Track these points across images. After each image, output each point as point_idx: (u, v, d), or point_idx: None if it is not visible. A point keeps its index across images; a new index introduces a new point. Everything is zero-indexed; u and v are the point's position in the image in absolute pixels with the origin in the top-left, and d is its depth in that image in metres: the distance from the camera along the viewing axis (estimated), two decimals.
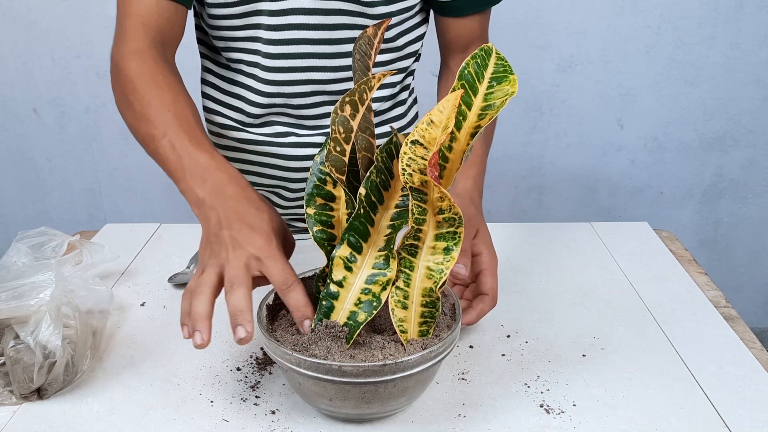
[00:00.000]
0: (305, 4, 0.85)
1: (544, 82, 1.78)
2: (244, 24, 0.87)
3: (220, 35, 0.90)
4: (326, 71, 0.90)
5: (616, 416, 0.66)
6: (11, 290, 0.69)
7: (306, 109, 0.92)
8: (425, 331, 0.64)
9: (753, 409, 0.67)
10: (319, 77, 0.90)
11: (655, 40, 1.73)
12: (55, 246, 0.84)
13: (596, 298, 0.87)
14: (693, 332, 0.80)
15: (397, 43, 0.92)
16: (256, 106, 0.92)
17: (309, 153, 0.94)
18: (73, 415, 0.67)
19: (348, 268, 0.63)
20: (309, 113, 0.93)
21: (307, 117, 0.93)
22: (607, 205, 1.92)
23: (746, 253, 1.99)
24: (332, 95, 0.92)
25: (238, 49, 0.90)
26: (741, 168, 1.88)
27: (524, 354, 0.76)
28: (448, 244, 0.61)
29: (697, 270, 0.95)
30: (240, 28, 0.88)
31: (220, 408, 0.67)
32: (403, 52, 0.94)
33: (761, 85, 1.78)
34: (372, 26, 0.66)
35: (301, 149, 0.94)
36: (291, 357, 0.60)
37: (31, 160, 1.89)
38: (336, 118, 0.61)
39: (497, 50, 0.63)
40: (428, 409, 0.67)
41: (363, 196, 0.61)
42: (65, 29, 1.75)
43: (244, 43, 0.89)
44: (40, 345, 0.66)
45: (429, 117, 0.59)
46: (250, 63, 0.90)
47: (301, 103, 0.92)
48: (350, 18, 0.87)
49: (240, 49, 0.90)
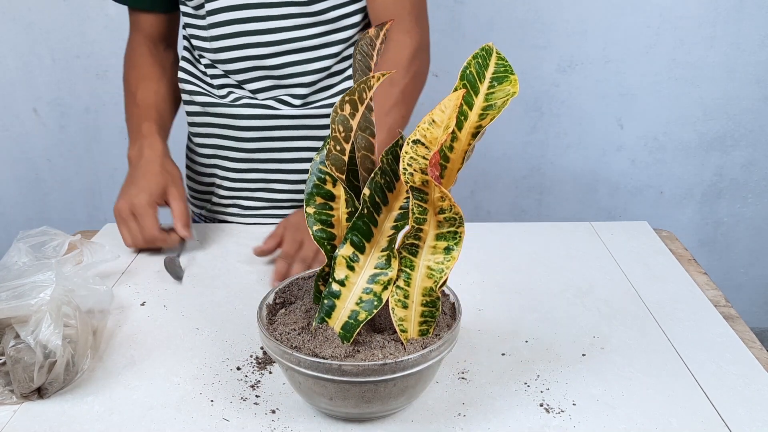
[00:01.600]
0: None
1: (544, 82, 1.78)
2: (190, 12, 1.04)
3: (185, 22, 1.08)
4: (261, 47, 1.01)
5: (615, 415, 0.66)
6: (11, 290, 0.69)
7: (249, 84, 1.04)
8: (425, 330, 0.64)
9: (753, 408, 0.67)
10: (255, 53, 1.01)
11: (655, 40, 1.73)
12: (56, 245, 0.84)
13: (596, 298, 0.87)
14: (693, 332, 0.80)
15: (328, 16, 1.00)
16: (217, 78, 1.06)
17: (256, 113, 1.05)
18: (73, 414, 0.67)
19: (350, 267, 0.63)
20: (252, 87, 1.05)
21: (259, 90, 1.05)
22: (607, 205, 1.92)
23: (746, 253, 1.99)
24: (271, 69, 1.03)
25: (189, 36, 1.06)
26: (741, 168, 1.88)
27: (524, 353, 0.76)
28: (448, 243, 0.61)
29: (697, 270, 0.95)
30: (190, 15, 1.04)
31: (220, 407, 0.68)
32: (337, 25, 1.02)
33: (761, 85, 1.78)
34: (374, 27, 0.66)
35: (250, 109, 1.05)
36: (291, 356, 0.60)
37: (31, 160, 1.89)
38: (336, 117, 0.61)
39: (498, 50, 0.63)
40: (428, 408, 0.67)
41: (367, 197, 0.61)
42: (65, 29, 1.75)
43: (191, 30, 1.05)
44: (41, 344, 0.66)
45: (431, 117, 0.59)
46: (195, 47, 1.06)
47: (243, 78, 1.04)
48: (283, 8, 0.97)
49: (191, 36, 1.06)
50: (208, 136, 1.10)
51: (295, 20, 1.00)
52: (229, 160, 1.10)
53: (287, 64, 1.02)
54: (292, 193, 1.10)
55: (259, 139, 1.06)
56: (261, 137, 1.06)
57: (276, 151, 1.07)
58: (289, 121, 1.05)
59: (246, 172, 1.10)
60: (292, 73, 1.03)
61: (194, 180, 1.17)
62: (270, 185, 1.10)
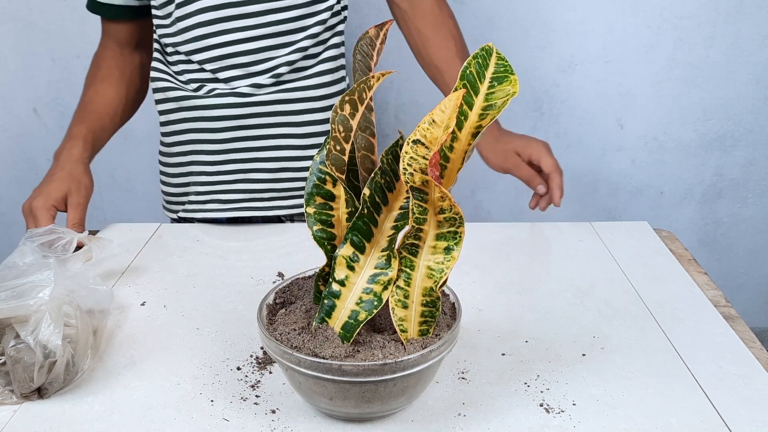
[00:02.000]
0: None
1: (544, 82, 1.78)
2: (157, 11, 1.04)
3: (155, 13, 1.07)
4: (233, 32, 1.01)
5: (615, 416, 0.66)
6: (11, 289, 0.69)
7: (221, 73, 1.04)
8: (425, 330, 0.64)
9: (753, 409, 0.67)
10: (226, 39, 1.02)
11: (655, 40, 1.73)
12: (65, 244, 0.85)
13: (596, 298, 0.87)
14: (693, 332, 0.80)
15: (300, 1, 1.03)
16: (187, 73, 1.07)
17: (229, 102, 1.05)
18: (73, 414, 0.67)
19: (350, 267, 0.63)
20: (224, 76, 1.04)
21: (230, 79, 1.05)
22: (607, 205, 1.92)
23: (746, 253, 1.99)
24: (245, 55, 1.03)
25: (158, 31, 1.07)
26: (741, 168, 1.88)
27: (524, 353, 0.76)
28: (448, 243, 0.61)
29: (697, 270, 0.95)
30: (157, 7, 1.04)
31: (220, 407, 0.67)
32: (312, 9, 1.04)
33: (761, 85, 1.78)
34: (374, 27, 0.66)
35: (222, 98, 1.05)
36: (291, 356, 0.60)
37: (31, 160, 1.89)
38: (336, 117, 0.61)
39: (498, 50, 0.63)
40: (428, 408, 0.67)
41: (367, 197, 0.61)
42: (65, 29, 1.75)
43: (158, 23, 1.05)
44: (41, 344, 0.66)
45: (431, 116, 0.59)
46: (164, 44, 1.06)
47: (215, 67, 1.04)
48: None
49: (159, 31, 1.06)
50: (182, 132, 1.10)
51: (268, 4, 1.01)
52: (205, 153, 1.10)
53: (262, 48, 1.03)
54: (271, 183, 1.11)
55: (234, 128, 1.07)
56: (236, 126, 1.06)
57: (252, 140, 1.08)
58: (263, 107, 1.05)
59: (223, 164, 1.10)
60: (266, 58, 1.03)
61: (169, 183, 1.17)
62: (248, 175, 1.10)
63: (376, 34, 0.66)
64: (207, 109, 1.06)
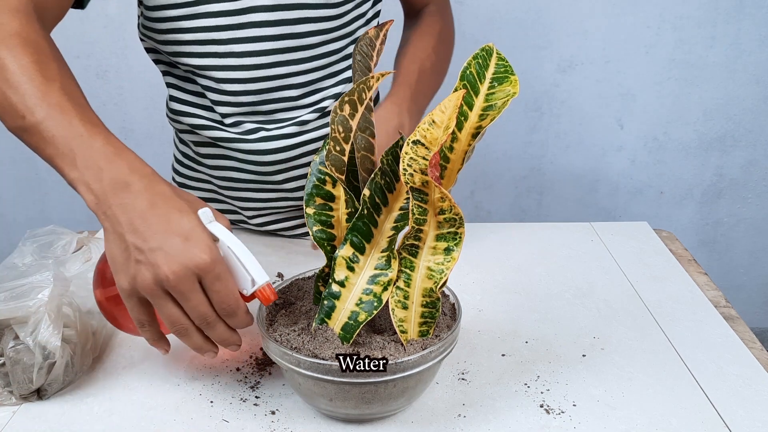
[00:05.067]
0: (264, 2, 0.85)
1: (544, 82, 1.78)
2: (191, 26, 0.84)
3: (164, 39, 0.86)
4: (289, 65, 0.89)
5: (616, 416, 0.66)
6: (10, 290, 0.68)
7: (273, 104, 0.91)
8: (425, 331, 0.64)
9: (753, 409, 0.67)
10: (282, 72, 0.89)
11: (655, 40, 1.73)
12: (65, 244, 0.84)
13: (596, 298, 0.87)
14: (693, 332, 0.80)
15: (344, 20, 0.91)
16: (222, 105, 0.90)
17: (279, 145, 0.92)
18: (72, 415, 0.67)
19: (350, 268, 0.63)
20: (276, 107, 0.92)
21: (275, 111, 0.92)
22: (607, 205, 1.92)
23: (746, 253, 1.99)
24: (298, 88, 0.91)
25: (188, 53, 0.87)
26: (741, 168, 1.88)
27: (524, 354, 0.76)
28: (449, 244, 0.61)
29: (697, 270, 0.95)
30: (187, 31, 0.85)
31: (219, 408, 0.67)
32: (356, 35, 0.94)
33: (761, 85, 1.78)
34: (374, 27, 0.66)
35: (271, 142, 0.93)
36: (291, 357, 0.60)
37: (31, 160, 1.89)
38: (335, 117, 0.61)
39: (498, 50, 0.63)
40: (428, 409, 0.67)
41: (367, 197, 0.61)
42: (65, 29, 1.73)
43: (194, 47, 0.86)
44: (40, 345, 0.66)
45: (431, 117, 0.59)
46: (204, 67, 0.87)
47: (266, 98, 0.90)
48: (313, 11, 0.87)
49: (190, 53, 0.86)
50: (216, 168, 0.97)
51: (323, 36, 0.90)
52: (240, 190, 0.99)
53: (310, 82, 0.92)
54: (300, 210, 1.02)
55: (280, 171, 0.95)
56: (283, 168, 0.95)
57: (295, 180, 0.97)
58: (310, 146, 0.94)
59: (256, 201, 1.00)
60: (315, 90, 0.93)
61: (186, 186, 1.05)
62: (278, 203, 1.00)
63: (376, 35, 0.66)
64: (254, 154, 0.92)
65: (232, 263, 0.60)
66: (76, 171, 0.60)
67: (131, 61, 1.74)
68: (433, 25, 1.01)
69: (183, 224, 0.57)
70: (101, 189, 0.59)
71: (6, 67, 0.63)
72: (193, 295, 0.57)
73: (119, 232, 0.57)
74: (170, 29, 0.85)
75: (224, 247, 0.59)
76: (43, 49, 0.66)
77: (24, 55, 0.63)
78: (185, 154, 1.02)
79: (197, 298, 0.57)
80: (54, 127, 0.60)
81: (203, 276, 0.56)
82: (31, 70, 0.63)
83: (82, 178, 0.60)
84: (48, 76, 0.63)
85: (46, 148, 0.61)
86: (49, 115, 0.61)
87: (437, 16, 1.02)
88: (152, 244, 0.56)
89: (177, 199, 0.59)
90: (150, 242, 0.56)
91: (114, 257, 0.58)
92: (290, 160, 0.94)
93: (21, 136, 0.63)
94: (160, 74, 0.97)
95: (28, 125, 0.61)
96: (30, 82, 0.62)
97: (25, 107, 0.61)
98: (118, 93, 1.79)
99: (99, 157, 0.59)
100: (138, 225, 0.57)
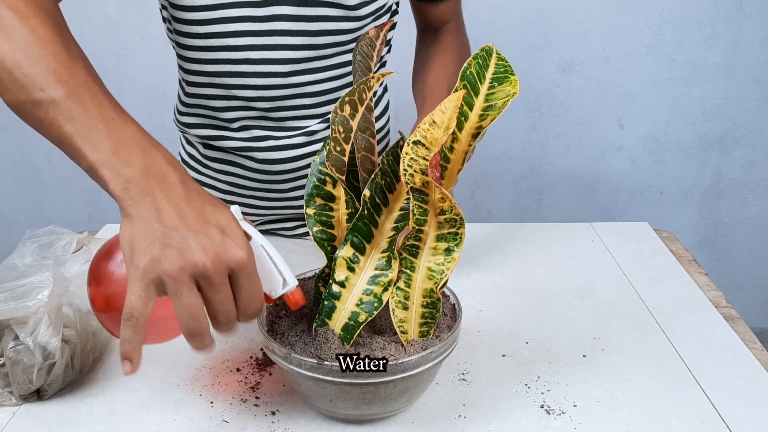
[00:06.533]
0: (289, 11, 0.84)
1: (544, 82, 1.78)
2: (218, 31, 0.84)
3: (190, 44, 0.86)
4: (306, 74, 0.89)
5: (616, 417, 0.66)
6: (10, 291, 0.68)
7: (284, 111, 0.91)
8: (426, 331, 0.64)
9: (753, 409, 0.67)
10: (298, 80, 0.89)
11: (655, 40, 1.73)
12: (65, 244, 0.84)
13: (596, 299, 0.87)
14: (693, 332, 0.79)
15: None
16: (230, 111, 0.90)
17: (287, 155, 0.93)
18: (72, 415, 0.67)
19: (351, 268, 0.63)
20: (287, 115, 0.92)
21: (286, 119, 0.92)
22: (607, 205, 1.92)
23: (746, 253, 1.99)
24: (311, 97, 0.91)
25: (211, 61, 0.86)
26: (741, 168, 1.88)
27: (524, 354, 0.76)
28: (449, 244, 0.61)
29: (698, 270, 0.95)
30: (212, 36, 0.84)
31: (220, 409, 0.67)
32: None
33: (761, 85, 1.78)
34: (374, 28, 0.66)
35: (280, 152, 0.93)
36: (291, 358, 0.60)
37: (31, 160, 1.89)
38: (336, 117, 0.60)
39: (498, 51, 0.63)
40: (428, 409, 0.67)
41: (367, 198, 0.61)
42: None
43: (216, 53, 0.86)
44: (40, 346, 0.66)
45: (431, 117, 0.59)
46: (224, 74, 0.87)
47: (279, 105, 0.90)
48: (334, 23, 0.86)
49: (214, 60, 0.86)
50: (223, 172, 0.98)
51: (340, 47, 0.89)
52: (248, 196, 1.00)
53: (327, 91, 0.92)
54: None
55: (290, 179, 0.96)
56: (292, 177, 0.96)
57: (300, 189, 0.98)
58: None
59: (263, 207, 1.01)
60: (327, 101, 0.93)
61: None
62: (284, 212, 1.02)
63: (376, 35, 0.66)
64: (262, 163, 0.93)
65: (263, 263, 0.58)
66: (100, 153, 0.54)
67: (131, 61, 1.74)
68: (453, 43, 0.99)
69: (219, 218, 0.55)
70: (133, 174, 0.54)
71: (25, 37, 0.57)
72: (224, 288, 0.54)
73: (147, 217, 0.53)
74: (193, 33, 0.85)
75: (256, 246, 0.58)
76: (63, 25, 0.61)
77: (46, 27, 0.58)
78: (192, 156, 1.02)
79: (227, 292, 0.54)
80: (80, 105, 0.55)
81: (237, 272, 0.53)
82: (55, 44, 0.57)
83: (108, 161, 0.54)
84: (72, 53, 0.58)
85: (65, 125, 0.55)
86: (75, 92, 0.56)
87: (456, 33, 1.01)
88: (188, 232, 0.53)
89: (210, 196, 0.57)
90: (185, 229, 0.53)
91: (134, 240, 0.53)
92: (297, 170, 0.95)
93: (29, 111, 0.57)
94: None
95: (45, 99, 0.56)
96: (54, 56, 0.57)
97: (45, 81, 0.56)
98: (118, 93, 1.79)
99: (133, 143, 0.55)
100: (173, 213, 0.53)
